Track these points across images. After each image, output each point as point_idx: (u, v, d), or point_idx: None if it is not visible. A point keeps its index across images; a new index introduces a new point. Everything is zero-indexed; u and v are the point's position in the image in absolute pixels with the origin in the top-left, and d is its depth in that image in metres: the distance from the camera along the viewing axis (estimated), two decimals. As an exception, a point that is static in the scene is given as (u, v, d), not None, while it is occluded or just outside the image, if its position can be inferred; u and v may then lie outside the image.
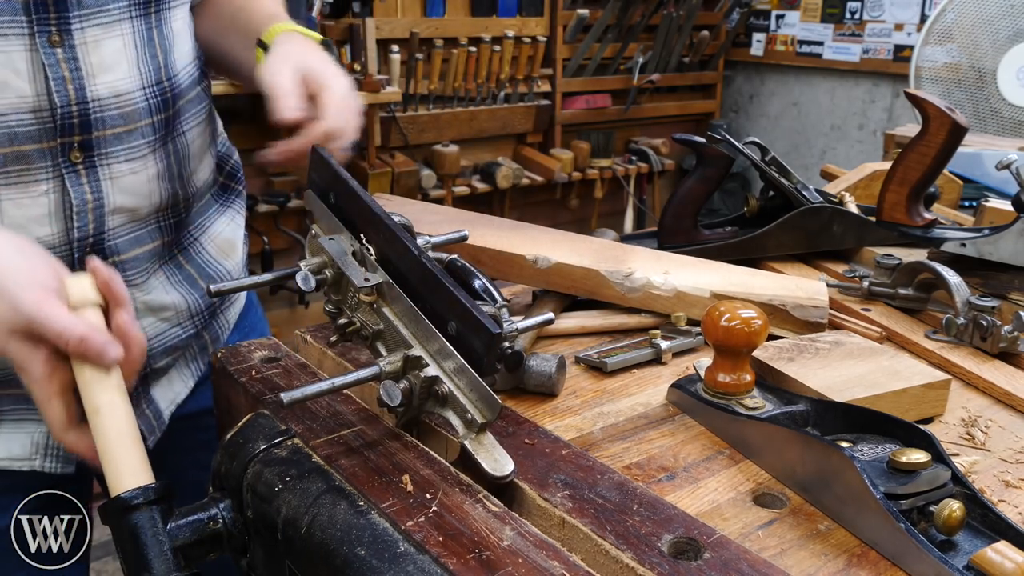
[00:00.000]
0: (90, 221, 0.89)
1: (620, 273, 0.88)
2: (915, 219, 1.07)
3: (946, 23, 2.54)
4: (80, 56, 0.85)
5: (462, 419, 0.62)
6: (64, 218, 0.88)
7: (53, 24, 0.82)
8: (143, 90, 0.90)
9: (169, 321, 0.99)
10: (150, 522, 0.63)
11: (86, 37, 0.85)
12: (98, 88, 0.86)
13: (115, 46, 0.88)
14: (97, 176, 0.89)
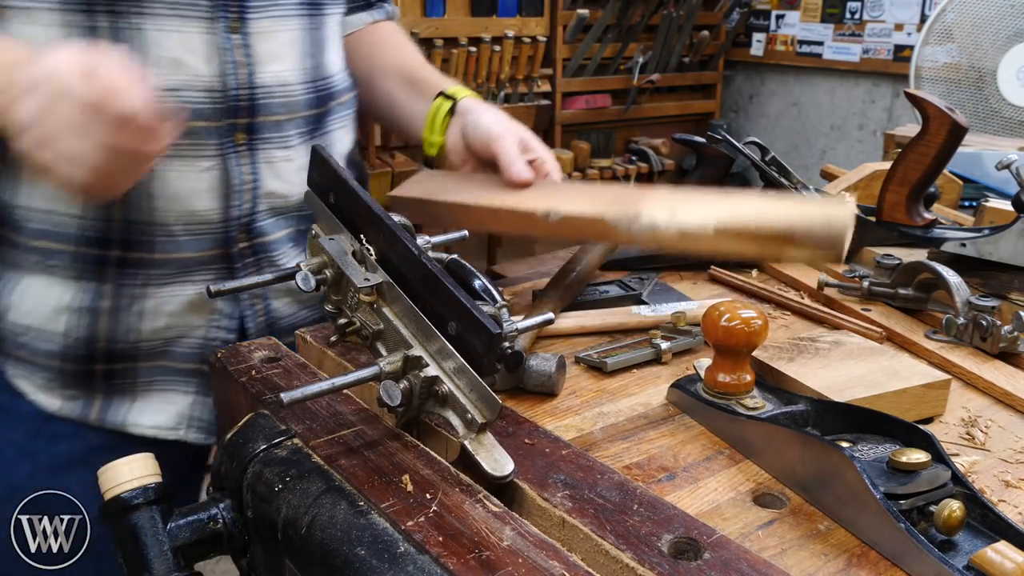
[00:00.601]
0: (246, 201, 0.95)
1: (626, 218, 0.85)
2: (915, 219, 1.07)
3: (946, 23, 2.54)
4: (253, 44, 0.91)
5: (462, 419, 0.62)
6: (223, 196, 0.93)
7: (234, 12, 0.89)
8: (304, 84, 0.97)
9: (304, 303, 1.06)
10: (150, 522, 0.63)
11: (260, 27, 0.92)
12: (265, 76, 0.92)
13: (284, 39, 0.95)
14: (256, 159, 0.94)
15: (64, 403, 0.96)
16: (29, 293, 0.93)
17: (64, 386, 0.95)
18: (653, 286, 1.03)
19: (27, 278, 0.93)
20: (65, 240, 0.90)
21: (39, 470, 0.96)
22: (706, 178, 1.15)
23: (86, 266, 0.91)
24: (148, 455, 0.66)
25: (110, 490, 0.64)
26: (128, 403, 0.97)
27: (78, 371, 0.94)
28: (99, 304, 0.92)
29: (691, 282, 1.07)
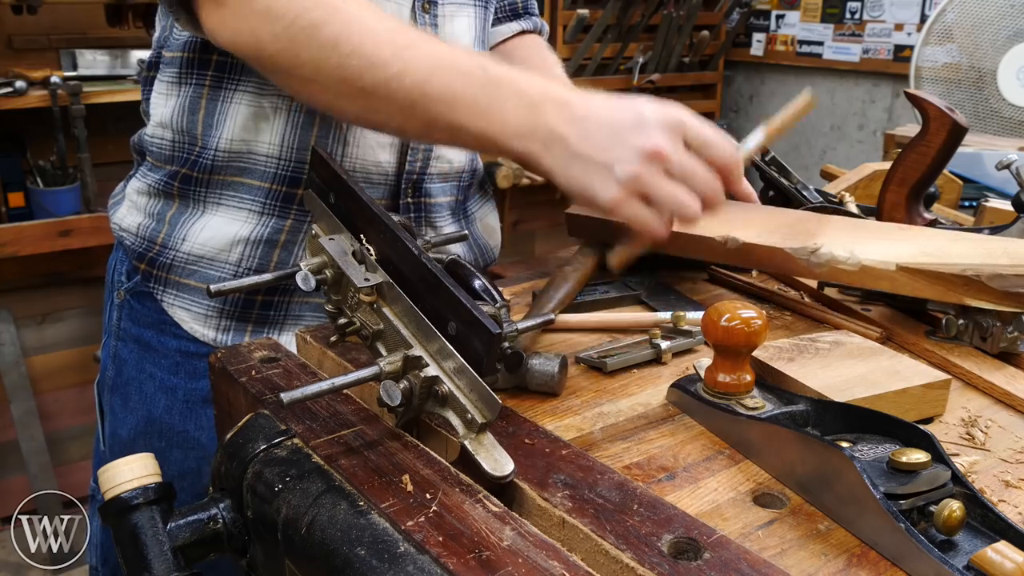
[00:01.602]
0: (419, 159, 1.05)
1: (805, 250, 0.87)
2: (915, 219, 1.07)
3: (946, 23, 2.54)
4: (440, 24, 1.04)
5: (462, 419, 0.62)
6: (401, 151, 1.03)
7: None
8: None
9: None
10: (150, 522, 0.63)
11: (446, 11, 1.04)
12: None
13: (463, 24, 1.07)
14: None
15: (219, 334, 1.03)
16: (210, 225, 1.01)
17: (222, 316, 1.02)
18: (653, 286, 1.03)
19: (210, 212, 1.01)
20: (261, 178, 0.99)
21: (175, 404, 1.03)
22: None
23: (275, 202, 1.00)
24: (148, 455, 0.66)
25: (110, 490, 0.64)
26: (277, 334, 1.03)
27: (240, 300, 1.01)
28: (277, 238, 1.01)
29: (691, 282, 1.07)
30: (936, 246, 0.85)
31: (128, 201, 1.08)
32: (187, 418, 1.03)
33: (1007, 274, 0.79)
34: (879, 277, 0.84)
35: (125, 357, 1.07)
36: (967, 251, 0.83)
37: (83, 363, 2.79)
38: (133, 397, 1.06)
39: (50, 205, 2.54)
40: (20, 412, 2.63)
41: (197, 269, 1.01)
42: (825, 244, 0.87)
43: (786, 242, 0.88)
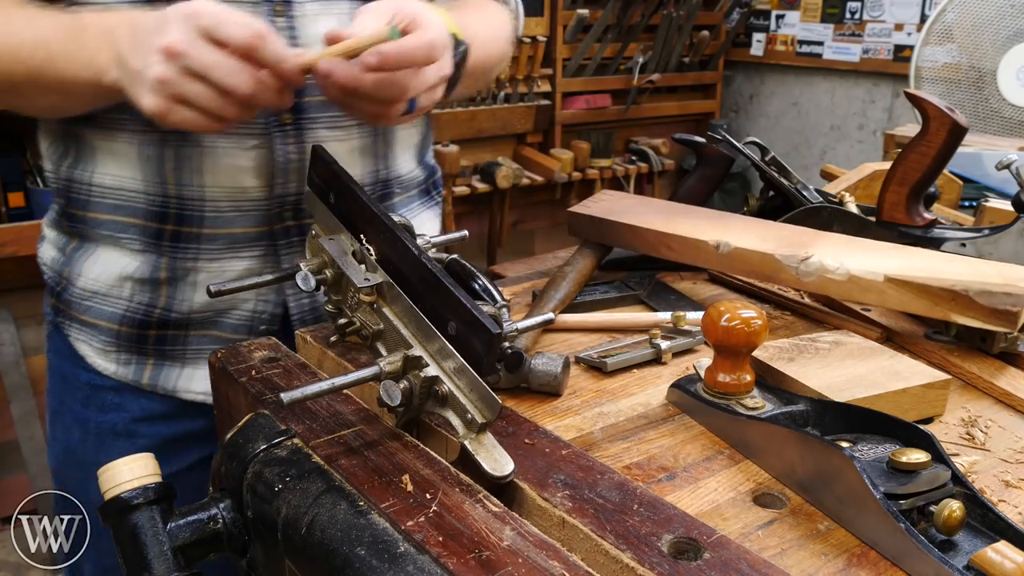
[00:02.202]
0: (292, 180, 0.95)
1: (796, 258, 0.87)
2: (915, 219, 1.07)
3: (946, 23, 2.54)
4: (298, 27, 0.92)
5: (462, 419, 0.62)
6: (268, 175, 0.95)
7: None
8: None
9: None
10: (150, 522, 0.63)
11: (306, 11, 0.93)
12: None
13: (330, 23, 0.93)
14: (303, 139, 0.95)
15: (119, 367, 1.02)
16: (99, 261, 0.99)
17: (119, 350, 1.01)
18: (653, 286, 1.03)
19: (99, 248, 1.00)
20: (132, 214, 0.96)
21: (88, 437, 1.03)
22: (706, 178, 1.15)
23: (148, 239, 0.97)
24: (148, 455, 0.66)
25: (110, 490, 0.64)
26: (178, 369, 1.02)
27: (133, 335, 1.00)
28: (158, 275, 0.98)
29: (691, 282, 1.07)
30: (929, 263, 0.85)
31: (44, 233, 1.08)
32: (99, 450, 1.02)
33: (995, 291, 0.79)
34: (867, 288, 0.84)
35: (51, 388, 1.08)
36: (959, 269, 0.83)
37: (83, 363, 2.79)
38: (57, 427, 1.08)
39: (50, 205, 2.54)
40: (20, 412, 2.63)
41: (92, 305, 1.01)
42: (816, 254, 0.87)
43: (778, 250, 0.89)
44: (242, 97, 0.75)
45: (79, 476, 1.04)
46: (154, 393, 1.03)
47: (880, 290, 0.83)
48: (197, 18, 0.72)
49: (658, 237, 0.97)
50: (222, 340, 1.01)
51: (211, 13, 0.73)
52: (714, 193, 1.17)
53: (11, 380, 2.62)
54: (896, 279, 0.82)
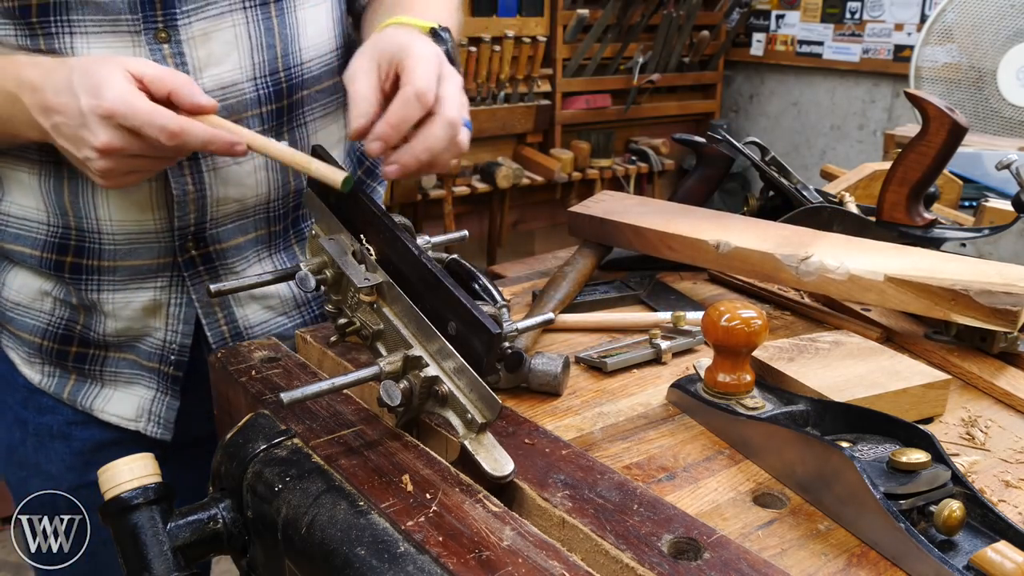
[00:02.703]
0: (191, 211, 0.92)
1: (796, 257, 0.87)
2: (915, 219, 1.07)
3: (946, 23, 2.54)
4: (187, 51, 0.86)
5: (462, 419, 0.62)
6: (165, 207, 0.91)
7: (160, 20, 0.84)
8: (253, 80, 0.91)
9: (274, 310, 1.03)
10: (150, 522, 0.63)
11: (193, 32, 0.86)
12: (204, 82, 0.87)
13: (225, 38, 0.88)
14: (199, 168, 0.91)
15: (44, 378, 1.02)
16: (19, 276, 0.99)
17: (43, 362, 1.01)
18: (653, 286, 1.03)
19: (16, 266, 0.99)
20: (32, 245, 0.94)
21: (27, 437, 1.03)
22: (706, 178, 1.15)
23: (49, 270, 0.95)
24: (148, 455, 0.66)
25: (110, 490, 0.64)
26: (97, 388, 1.01)
27: (55, 350, 1.00)
28: (70, 299, 0.97)
29: (691, 282, 1.07)
30: (929, 263, 0.85)
31: None
32: (38, 450, 1.03)
33: (996, 291, 0.78)
34: (867, 288, 0.84)
35: None
36: (960, 269, 0.83)
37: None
38: (0, 427, 1.08)
39: None
40: (20, 412, 2.62)
41: (15, 316, 1.01)
42: (816, 253, 0.87)
43: (778, 250, 0.89)
44: (180, 156, 0.80)
45: (21, 475, 1.05)
46: (74, 407, 1.02)
47: (880, 290, 0.83)
48: (115, 118, 0.73)
49: (658, 237, 0.97)
50: (140, 366, 1.00)
51: (127, 115, 0.73)
52: (714, 193, 1.17)
53: (11, 380, 2.61)
54: (896, 279, 0.82)
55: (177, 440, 1.02)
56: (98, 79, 0.73)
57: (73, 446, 1.02)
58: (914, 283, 0.81)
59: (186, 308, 0.97)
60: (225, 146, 0.76)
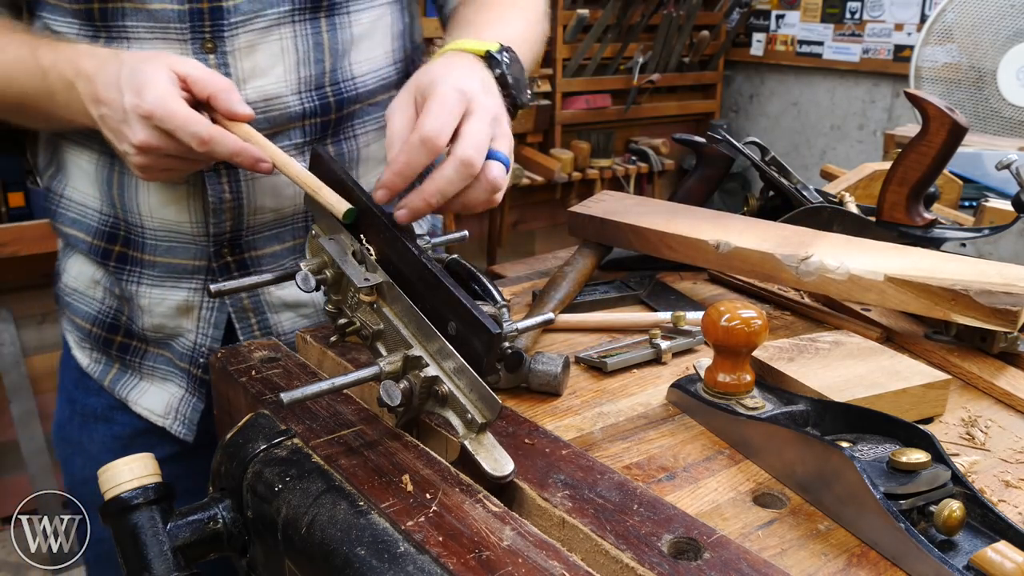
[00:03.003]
0: (227, 219, 0.94)
1: (796, 257, 0.87)
2: (915, 219, 1.07)
3: (946, 23, 2.54)
4: (232, 62, 0.89)
5: (462, 419, 0.62)
6: (202, 212, 0.94)
7: (207, 31, 0.86)
8: (298, 94, 0.93)
9: (308, 318, 1.05)
10: (150, 522, 0.63)
11: (239, 43, 0.89)
12: (247, 93, 0.89)
13: (271, 51, 0.90)
14: (237, 177, 0.93)
15: (91, 363, 1.07)
16: (76, 262, 1.05)
17: (91, 348, 1.06)
18: (653, 286, 1.03)
19: (75, 252, 1.05)
20: (86, 231, 0.99)
21: (74, 416, 1.09)
22: (706, 178, 1.15)
23: (97, 257, 1.00)
24: (148, 455, 0.66)
25: (110, 490, 0.64)
26: (135, 380, 1.05)
27: (102, 337, 1.05)
28: (114, 289, 1.02)
29: (691, 282, 1.07)
30: (929, 263, 0.85)
31: None
32: (82, 430, 1.08)
33: (996, 291, 0.78)
34: (867, 288, 0.84)
35: (60, 365, 1.15)
36: (960, 269, 0.83)
37: (83, 363, 2.79)
38: (57, 402, 1.14)
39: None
40: (20, 412, 2.63)
41: (71, 301, 1.07)
42: (816, 253, 0.87)
43: (778, 250, 0.89)
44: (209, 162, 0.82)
45: (67, 451, 1.11)
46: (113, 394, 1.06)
47: (880, 290, 0.83)
48: (152, 119, 0.75)
49: (658, 237, 0.97)
50: (174, 364, 1.03)
51: (162, 116, 0.75)
52: (714, 193, 1.17)
53: (11, 380, 2.62)
54: (896, 279, 0.82)
55: (197, 441, 1.04)
56: (143, 79, 0.76)
57: (114, 429, 1.06)
58: (914, 283, 0.81)
59: (217, 312, 1.00)
60: (251, 160, 0.78)
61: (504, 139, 0.80)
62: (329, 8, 0.93)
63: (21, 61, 0.85)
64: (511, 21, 0.96)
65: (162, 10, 0.85)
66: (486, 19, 0.95)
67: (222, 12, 0.87)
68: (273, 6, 0.89)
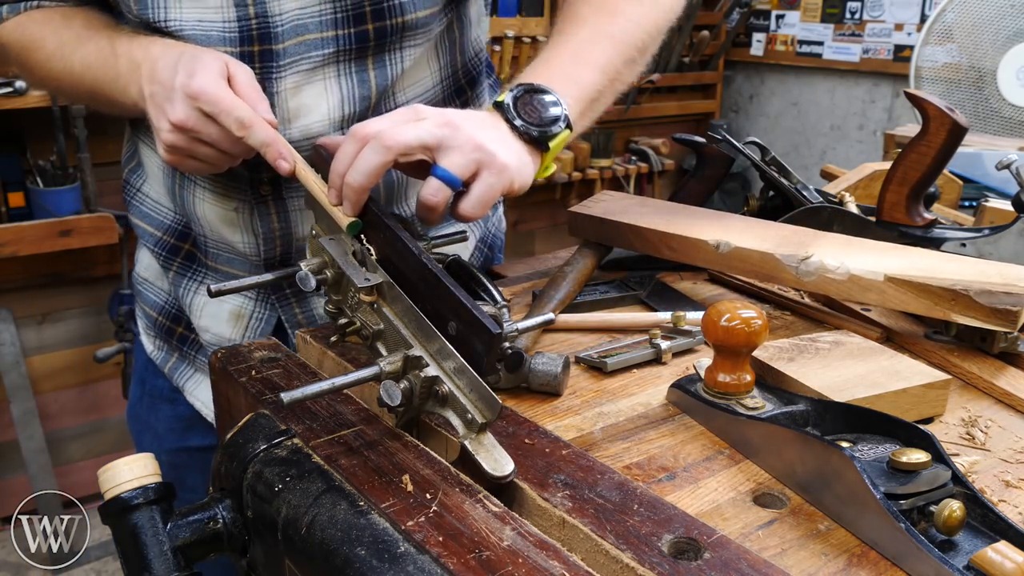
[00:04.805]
0: (277, 246, 0.97)
1: (796, 257, 0.87)
2: (915, 219, 1.07)
3: (946, 23, 2.54)
4: (278, 103, 0.89)
5: (462, 419, 0.62)
6: (253, 236, 0.97)
7: (257, 71, 0.87)
8: (341, 131, 0.93)
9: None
10: (150, 522, 0.63)
11: (286, 84, 0.89)
12: (291, 132, 0.91)
13: (316, 91, 0.91)
14: (285, 208, 0.96)
15: (155, 350, 1.13)
16: (146, 254, 1.10)
17: (156, 335, 1.12)
18: (653, 286, 1.03)
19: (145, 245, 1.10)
20: (158, 227, 1.05)
21: (144, 396, 1.15)
22: (706, 178, 1.15)
23: (164, 252, 1.05)
24: (148, 455, 0.66)
25: (110, 490, 0.64)
26: (191, 371, 1.10)
27: (166, 327, 1.10)
28: (175, 290, 1.06)
29: (691, 282, 1.07)
30: (929, 263, 0.85)
31: None
32: (150, 410, 1.14)
33: (996, 291, 0.78)
34: (867, 288, 0.84)
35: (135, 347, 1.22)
36: (960, 269, 0.83)
37: (83, 363, 2.79)
38: (131, 382, 1.22)
39: (50, 205, 2.54)
40: (20, 412, 2.63)
41: (142, 290, 1.13)
42: (816, 253, 0.87)
43: (778, 250, 0.89)
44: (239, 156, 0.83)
45: (137, 428, 1.18)
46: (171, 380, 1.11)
47: (880, 290, 0.83)
48: (197, 100, 0.78)
49: (658, 237, 0.97)
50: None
51: (209, 99, 0.77)
52: (714, 193, 1.17)
53: (11, 380, 2.62)
54: (896, 279, 0.82)
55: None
56: (198, 64, 0.79)
57: (178, 410, 1.11)
58: (914, 283, 0.81)
59: (264, 324, 1.04)
60: (276, 154, 0.79)
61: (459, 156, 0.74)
62: (377, 48, 0.92)
63: (100, 51, 0.89)
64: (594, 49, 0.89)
65: (214, 47, 0.87)
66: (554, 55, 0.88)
67: (271, 55, 0.88)
68: (319, 48, 0.89)
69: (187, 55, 0.80)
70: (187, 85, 0.77)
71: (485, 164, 0.75)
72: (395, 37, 0.92)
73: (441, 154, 0.74)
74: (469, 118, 0.77)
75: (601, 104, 0.89)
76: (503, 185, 0.76)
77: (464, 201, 0.76)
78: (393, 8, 0.89)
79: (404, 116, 0.76)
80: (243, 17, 0.86)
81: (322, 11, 0.88)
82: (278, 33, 0.87)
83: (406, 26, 0.91)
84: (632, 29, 0.91)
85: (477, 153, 0.74)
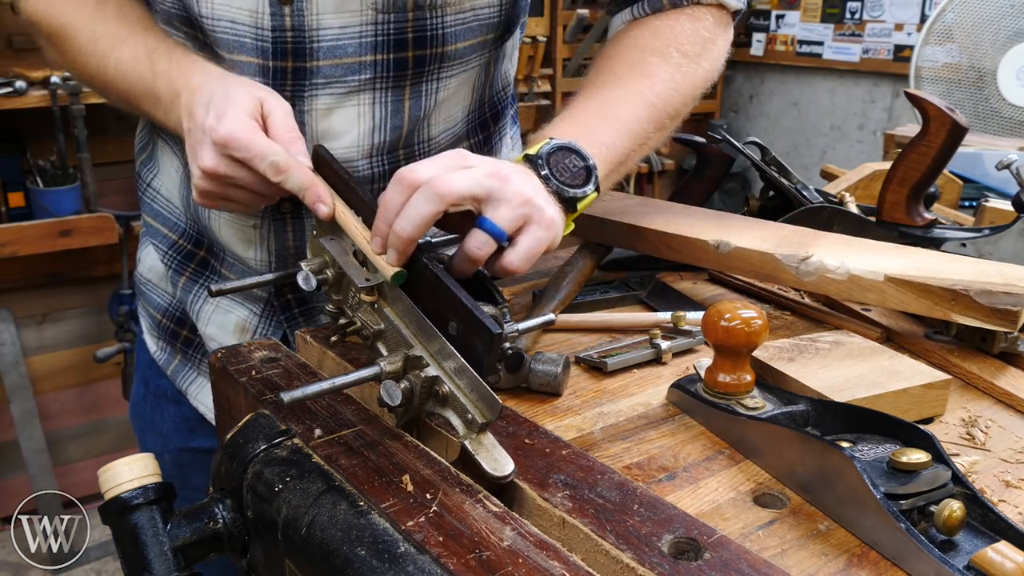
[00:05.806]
0: (290, 264, 0.96)
1: (796, 257, 0.87)
2: (915, 219, 1.07)
3: (946, 23, 2.54)
4: (308, 122, 0.88)
5: (462, 419, 0.62)
6: (268, 252, 0.96)
7: (288, 89, 0.86)
8: (369, 159, 0.92)
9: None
10: (150, 522, 0.63)
11: (317, 104, 0.88)
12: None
13: (348, 115, 0.89)
14: (303, 226, 0.96)
15: (158, 351, 1.12)
16: (151, 255, 1.09)
17: (159, 336, 1.11)
18: (653, 286, 1.03)
19: (151, 245, 1.09)
20: (172, 228, 1.04)
21: (148, 395, 1.14)
22: (706, 178, 1.15)
23: (175, 255, 1.04)
24: (148, 455, 0.66)
25: (110, 490, 0.64)
26: (194, 374, 1.09)
27: (170, 329, 1.10)
28: (185, 296, 1.06)
29: (691, 282, 1.07)
30: (929, 263, 0.85)
31: None
32: (155, 409, 1.13)
33: (996, 291, 0.78)
34: (867, 288, 0.84)
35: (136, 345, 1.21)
36: (960, 269, 0.83)
37: (83, 363, 2.79)
38: (134, 380, 1.21)
39: (50, 205, 2.54)
40: (20, 412, 2.63)
41: (146, 291, 1.12)
42: (816, 253, 0.87)
43: (778, 250, 0.89)
44: (275, 197, 0.81)
45: (141, 427, 1.17)
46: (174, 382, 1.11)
47: (880, 290, 0.83)
48: (227, 148, 0.76)
49: (658, 237, 0.97)
50: None
51: (240, 146, 0.75)
52: (714, 193, 1.17)
53: (11, 380, 2.62)
54: (896, 279, 0.82)
55: None
56: (228, 104, 0.77)
57: (183, 411, 1.11)
58: (914, 283, 0.81)
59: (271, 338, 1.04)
60: (315, 198, 0.76)
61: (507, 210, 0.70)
62: (415, 77, 0.90)
63: (137, 62, 0.87)
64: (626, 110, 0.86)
65: (247, 63, 0.85)
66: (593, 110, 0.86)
67: (304, 73, 0.86)
68: (355, 72, 0.87)
69: (219, 93, 0.77)
70: (215, 130, 0.75)
71: (534, 219, 0.72)
72: (433, 67, 0.90)
73: (489, 206, 0.70)
74: (514, 169, 0.73)
75: (626, 167, 0.87)
76: (550, 240, 0.73)
77: (511, 254, 0.71)
78: (436, 37, 0.87)
79: (451, 162, 0.71)
80: (278, 27, 0.83)
81: (363, 32, 0.85)
82: (314, 50, 0.85)
83: (445, 56, 0.89)
84: (667, 94, 0.88)
85: (525, 208, 0.71)
